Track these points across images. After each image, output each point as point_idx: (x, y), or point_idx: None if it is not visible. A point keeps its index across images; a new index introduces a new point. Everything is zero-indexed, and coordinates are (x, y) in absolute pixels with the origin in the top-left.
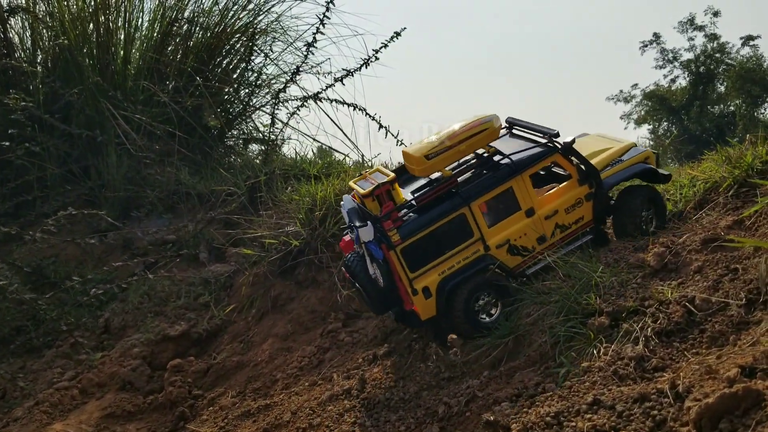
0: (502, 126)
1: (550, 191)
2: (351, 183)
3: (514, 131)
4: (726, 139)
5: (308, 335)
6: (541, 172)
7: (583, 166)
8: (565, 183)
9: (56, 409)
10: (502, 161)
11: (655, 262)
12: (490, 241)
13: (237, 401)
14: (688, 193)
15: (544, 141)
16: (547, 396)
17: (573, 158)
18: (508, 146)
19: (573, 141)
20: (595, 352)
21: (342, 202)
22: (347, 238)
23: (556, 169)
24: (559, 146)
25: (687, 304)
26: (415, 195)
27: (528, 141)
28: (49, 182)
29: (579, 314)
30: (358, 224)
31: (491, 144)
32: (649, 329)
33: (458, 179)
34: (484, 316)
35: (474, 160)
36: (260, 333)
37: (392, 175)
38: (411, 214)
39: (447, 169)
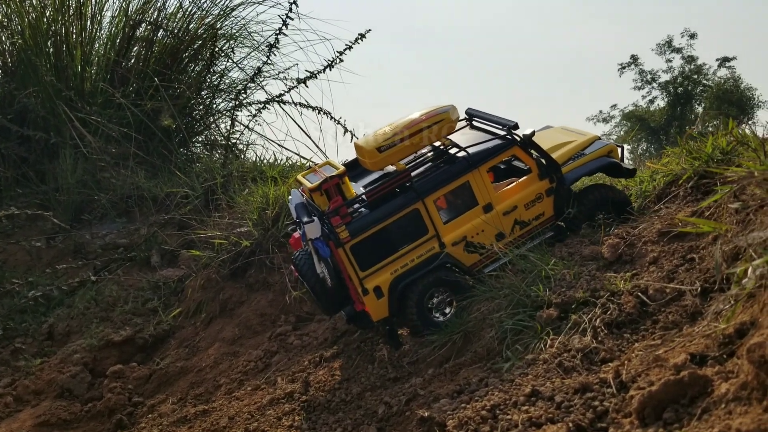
0: (461, 118)
1: (509, 186)
2: (299, 177)
3: (473, 123)
4: (685, 129)
5: (256, 339)
6: (501, 166)
7: (543, 160)
8: (524, 177)
9: None
10: (459, 154)
11: (609, 254)
12: (445, 238)
13: (177, 408)
14: (648, 188)
15: (502, 133)
16: (487, 390)
17: (533, 151)
18: (466, 138)
19: (533, 134)
20: (542, 345)
21: (290, 197)
22: (297, 234)
23: (516, 163)
24: (518, 139)
25: (639, 294)
26: (366, 189)
27: (487, 133)
28: (2, 186)
29: (528, 307)
30: (305, 220)
31: (448, 136)
32: (599, 320)
33: (412, 173)
34: (437, 314)
35: (429, 153)
36: (207, 338)
37: (342, 168)
38: (361, 209)
39: (401, 162)
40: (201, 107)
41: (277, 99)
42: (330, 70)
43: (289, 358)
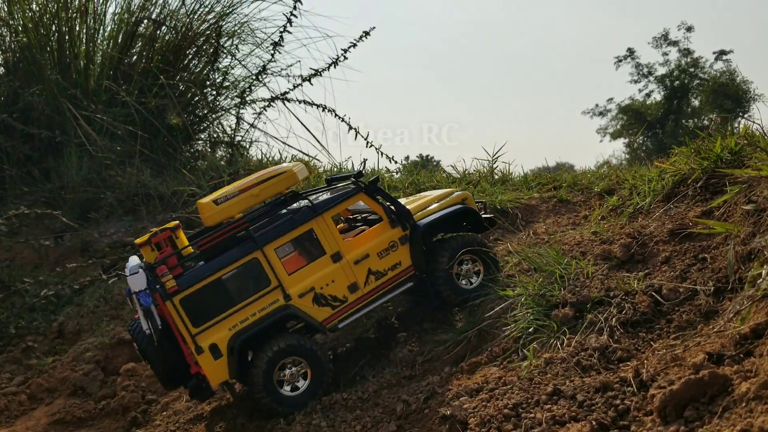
0: (306, 175)
1: (359, 234)
2: (136, 241)
3: (331, 186)
4: (695, 131)
5: None
6: (359, 224)
7: (392, 207)
8: (375, 226)
9: (2, 415)
10: (302, 203)
11: (621, 253)
12: (291, 289)
13: (191, 405)
14: (657, 187)
15: (349, 183)
16: (507, 389)
17: (380, 198)
18: (319, 197)
19: (377, 179)
20: (558, 343)
21: (127, 263)
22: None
23: (372, 217)
24: (362, 185)
25: (653, 293)
26: (197, 239)
27: (336, 188)
28: (7, 184)
29: (543, 306)
30: (127, 273)
31: (293, 189)
32: (614, 319)
33: (251, 223)
34: (288, 388)
35: (272, 204)
36: None
37: (175, 222)
38: (198, 263)
39: (240, 215)
40: (204, 104)
41: (281, 97)
42: (334, 68)
43: None
